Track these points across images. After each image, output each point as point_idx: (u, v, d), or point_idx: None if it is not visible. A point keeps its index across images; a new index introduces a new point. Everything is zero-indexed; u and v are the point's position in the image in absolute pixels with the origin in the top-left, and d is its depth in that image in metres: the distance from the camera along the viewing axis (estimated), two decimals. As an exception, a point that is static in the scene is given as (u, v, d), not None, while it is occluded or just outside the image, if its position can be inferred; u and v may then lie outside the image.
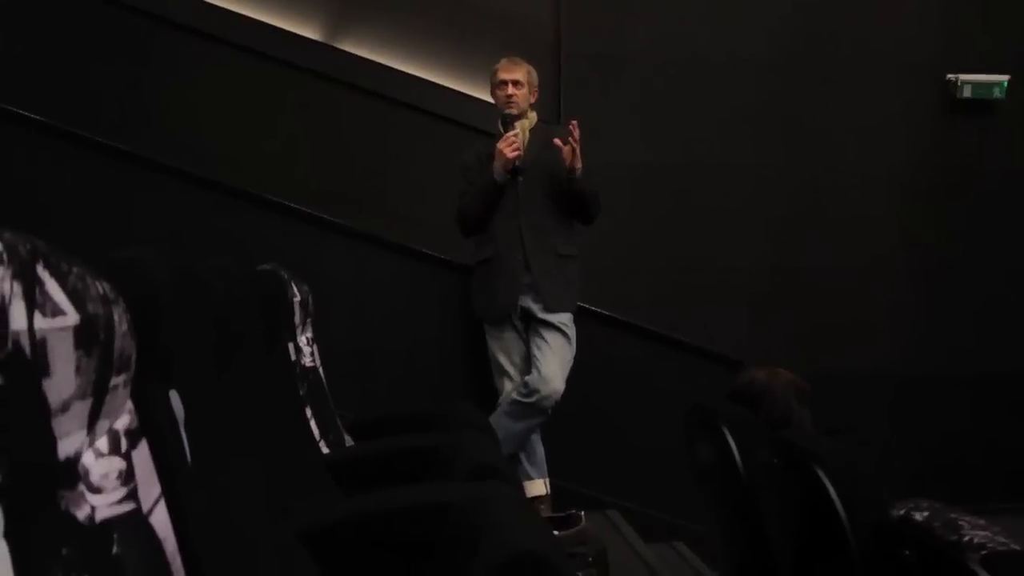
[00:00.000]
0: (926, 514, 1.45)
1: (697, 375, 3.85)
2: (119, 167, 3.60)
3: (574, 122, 3.13)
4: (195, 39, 4.02)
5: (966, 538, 1.34)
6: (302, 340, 2.41)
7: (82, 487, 0.90)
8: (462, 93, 4.15)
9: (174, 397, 1.22)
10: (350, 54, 4.17)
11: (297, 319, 2.35)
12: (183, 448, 1.15)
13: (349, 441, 2.48)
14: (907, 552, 1.47)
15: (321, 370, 2.51)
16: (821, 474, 1.83)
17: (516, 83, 3.34)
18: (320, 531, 1.55)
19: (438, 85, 4.15)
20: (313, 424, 2.21)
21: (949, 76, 4.47)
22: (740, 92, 4.41)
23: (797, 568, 1.94)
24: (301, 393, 2.22)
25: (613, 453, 3.75)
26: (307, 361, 2.42)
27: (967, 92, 4.45)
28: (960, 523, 1.38)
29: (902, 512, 1.50)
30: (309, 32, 4.17)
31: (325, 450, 2.23)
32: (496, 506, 1.37)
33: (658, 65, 4.36)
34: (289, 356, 2.21)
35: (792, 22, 4.47)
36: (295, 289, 2.35)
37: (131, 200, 3.59)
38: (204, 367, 1.41)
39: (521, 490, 2.17)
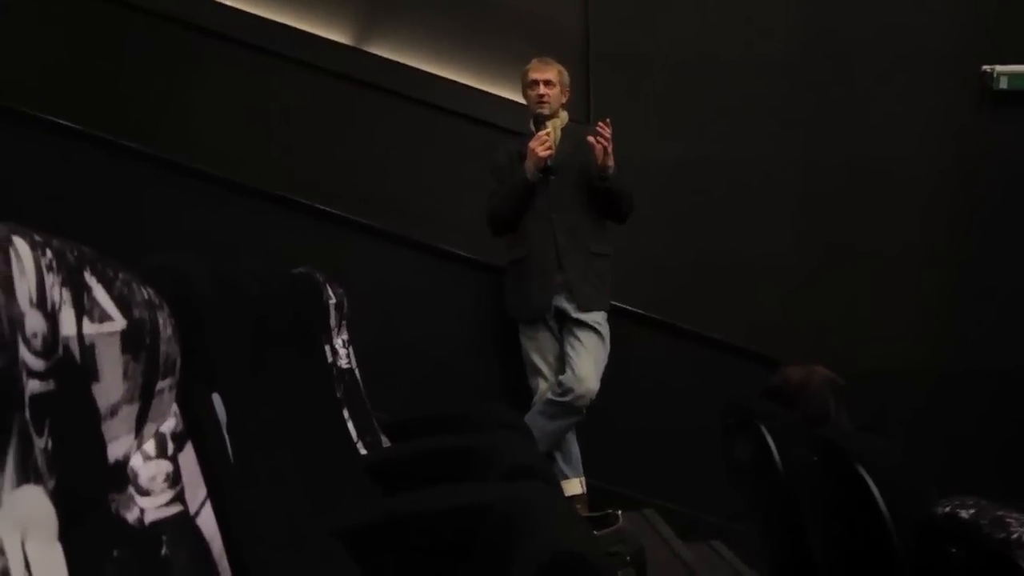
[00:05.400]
0: (972, 511, 1.42)
1: (731, 373, 3.82)
2: (153, 173, 3.64)
3: (605, 121, 3.12)
4: (223, 43, 4.06)
5: (1015, 535, 1.31)
6: (338, 342, 2.42)
7: (131, 490, 0.91)
8: (492, 94, 4.16)
9: (216, 400, 1.23)
10: (379, 57, 4.19)
11: (332, 321, 2.37)
12: (227, 450, 1.16)
13: (386, 442, 2.49)
14: (953, 551, 1.44)
15: (357, 371, 2.52)
16: (863, 471, 1.81)
17: (548, 83, 3.34)
18: (359, 531, 1.55)
19: (467, 86, 4.16)
20: (351, 425, 2.22)
21: (985, 67, 4.40)
22: (769, 87, 4.38)
23: (838, 568, 1.92)
24: (338, 395, 2.23)
25: (648, 452, 3.73)
26: (343, 363, 2.43)
27: (1003, 84, 4.37)
28: (1008, 520, 1.35)
29: (947, 509, 1.47)
30: (338, 36, 4.20)
31: (363, 451, 2.24)
32: (536, 507, 1.37)
33: (686, 62, 4.34)
34: (326, 358, 2.23)
35: (821, 15, 4.42)
36: (330, 291, 2.36)
37: (164, 205, 3.62)
38: (244, 370, 1.42)
39: (559, 490, 2.17)
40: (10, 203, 3.39)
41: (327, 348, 2.29)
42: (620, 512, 2.74)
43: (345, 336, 2.51)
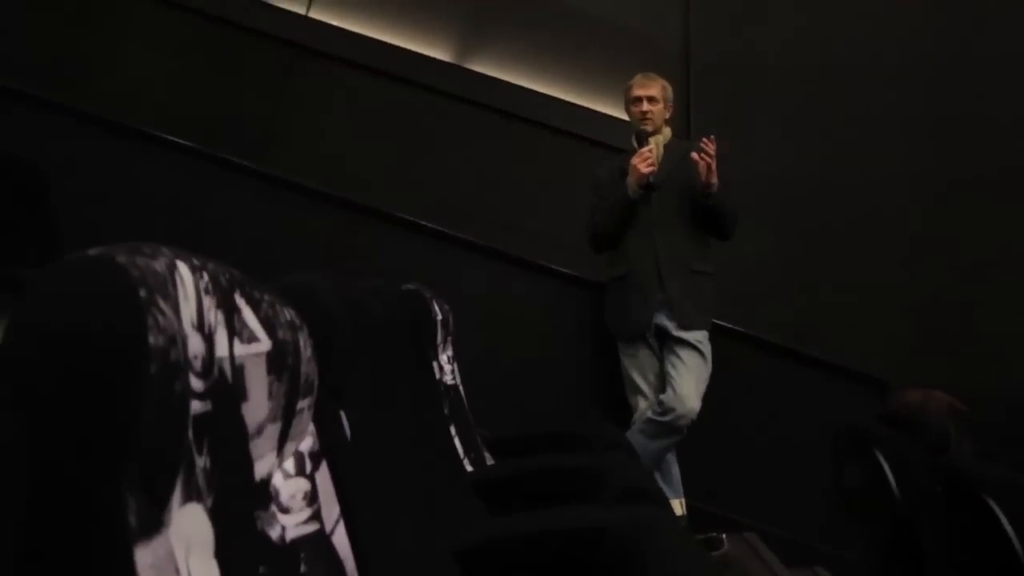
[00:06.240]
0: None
1: (839, 395, 3.72)
2: (259, 189, 3.76)
3: (709, 137, 3.08)
4: (331, 64, 4.17)
5: None
6: (443, 358, 2.44)
7: (274, 507, 0.93)
8: (593, 110, 4.15)
9: (342, 418, 1.25)
10: (481, 74, 4.23)
11: (439, 338, 2.39)
12: (356, 469, 1.17)
13: (489, 459, 2.49)
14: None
15: (462, 388, 2.54)
16: (993, 504, 1.74)
17: (651, 99, 3.32)
18: (473, 550, 1.55)
19: (568, 103, 4.17)
20: (457, 442, 2.24)
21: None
22: (876, 99, 4.25)
23: (964, 602, 1.84)
24: (446, 411, 2.25)
25: (750, 474, 3.65)
26: (448, 379, 2.45)
27: None
28: None
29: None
30: (440, 54, 4.26)
31: (468, 468, 2.25)
32: (655, 531, 1.35)
33: (788, 75, 4.26)
34: (434, 375, 2.25)
35: (935, 22, 4.28)
36: (437, 308, 2.38)
37: (274, 222, 3.73)
38: (365, 387, 1.45)
39: (674, 514, 2.13)
40: (144, 222, 3.56)
41: (434, 364, 2.31)
42: (725, 536, 2.69)
43: (450, 352, 2.53)
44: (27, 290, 0.63)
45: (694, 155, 3.09)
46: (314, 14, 4.28)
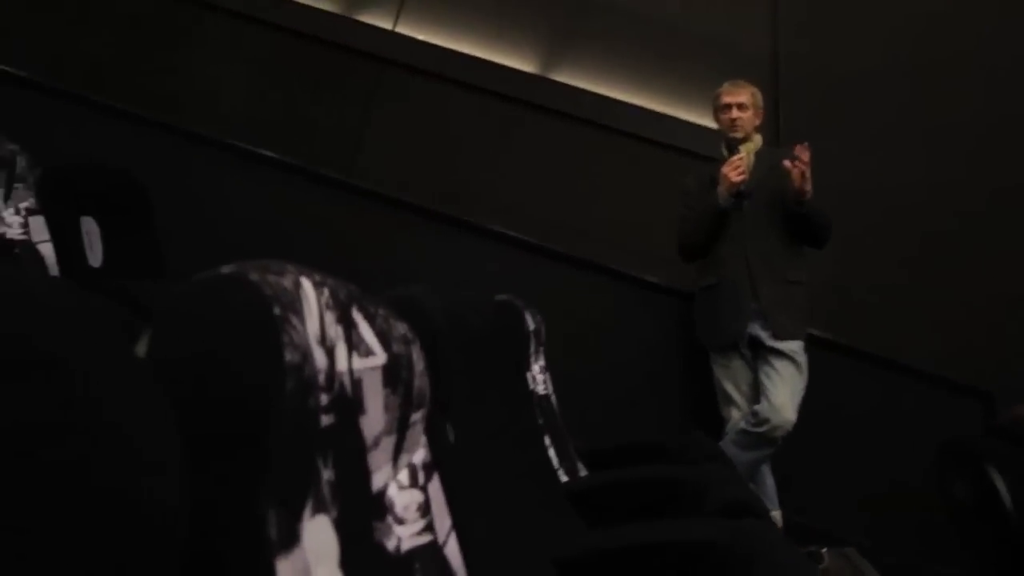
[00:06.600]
0: None
1: (938, 407, 3.59)
2: (346, 200, 3.84)
3: (804, 144, 3.01)
4: (418, 78, 4.22)
5: None
6: (536, 369, 2.45)
7: (390, 519, 0.94)
8: (678, 119, 4.11)
9: (448, 430, 1.26)
10: (564, 84, 4.23)
11: (532, 348, 2.39)
12: (464, 480, 1.18)
13: (582, 470, 2.49)
14: None
15: (554, 398, 2.54)
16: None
17: (741, 106, 3.27)
18: (574, 562, 1.55)
19: (654, 112, 4.13)
20: (552, 452, 2.23)
21: None
22: (977, 101, 4.10)
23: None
24: (540, 422, 2.25)
25: (848, 486, 3.55)
26: (541, 389, 2.45)
27: None
28: None
29: None
30: (525, 65, 4.28)
31: (563, 478, 2.25)
32: (764, 546, 1.32)
33: (881, 78, 4.13)
34: (528, 385, 2.25)
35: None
36: (529, 319, 2.39)
37: (360, 231, 3.79)
38: (466, 399, 1.46)
39: (778, 527, 2.09)
40: (236, 235, 3.67)
41: (528, 375, 2.31)
42: (825, 550, 2.62)
43: (542, 363, 2.53)
44: (165, 308, 0.66)
45: (786, 163, 3.03)
46: (400, 29, 4.35)
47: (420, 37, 4.33)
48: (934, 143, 4.08)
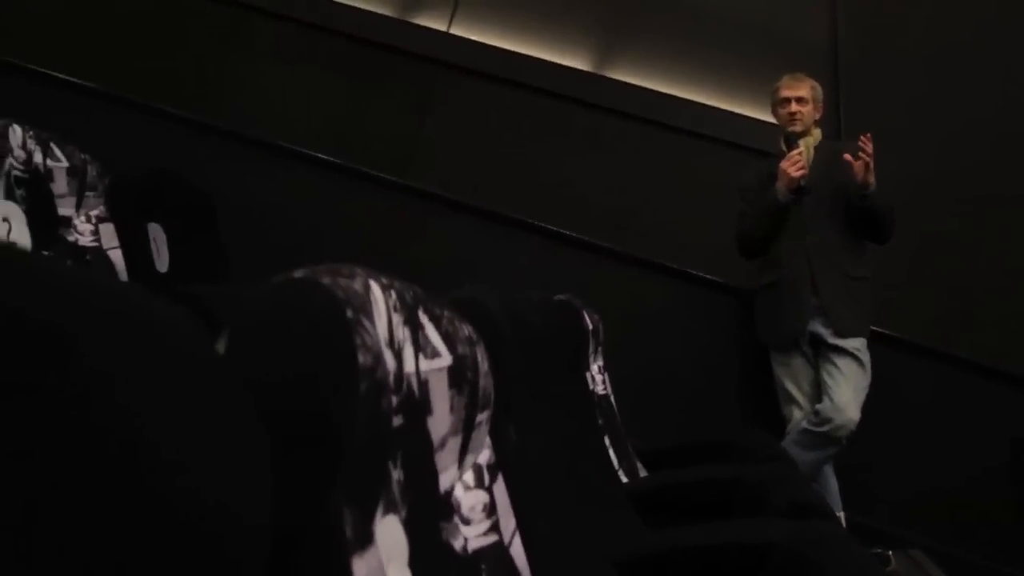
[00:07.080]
0: None
1: (1009, 405, 3.49)
2: (402, 201, 3.87)
3: (867, 135, 2.96)
4: (473, 79, 4.24)
5: None
6: (595, 368, 2.44)
7: (456, 519, 0.95)
8: (735, 113, 4.06)
9: (511, 431, 1.27)
10: (619, 82, 4.21)
11: (590, 348, 2.39)
12: (528, 480, 1.19)
13: (641, 470, 2.47)
14: None
15: (612, 398, 2.53)
16: None
17: (800, 100, 3.22)
18: (636, 562, 1.54)
19: (710, 107, 4.08)
20: (611, 452, 2.23)
21: None
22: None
23: None
24: (599, 422, 2.25)
25: (914, 486, 3.47)
26: (600, 389, 2.45)
27: None
28: None
29: None
30: (580, 63, 4.27)
31: (623, 479, 2.24)
32: (830, 548, 1.30)
33: (944, 64, 4.02)
34: (587, 385, 2.25)
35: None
36: (587, 318, 2.39)
37: (417, 232, 3.82)
38: (527, 399, 1.46)
39: (845, 529, 2.06)
40: (295, 238, 3.73)
41: (587, 375, 2.31)
42: (891, 553, 2.57)
43: (601, 362, 2.53)
44: (241, 312, 0.67)
45: (847, 156, 2.98)
46: (455, 30, 4.37)
47: (474, 37, 4.34)
48: (999, 132, 3.96)
